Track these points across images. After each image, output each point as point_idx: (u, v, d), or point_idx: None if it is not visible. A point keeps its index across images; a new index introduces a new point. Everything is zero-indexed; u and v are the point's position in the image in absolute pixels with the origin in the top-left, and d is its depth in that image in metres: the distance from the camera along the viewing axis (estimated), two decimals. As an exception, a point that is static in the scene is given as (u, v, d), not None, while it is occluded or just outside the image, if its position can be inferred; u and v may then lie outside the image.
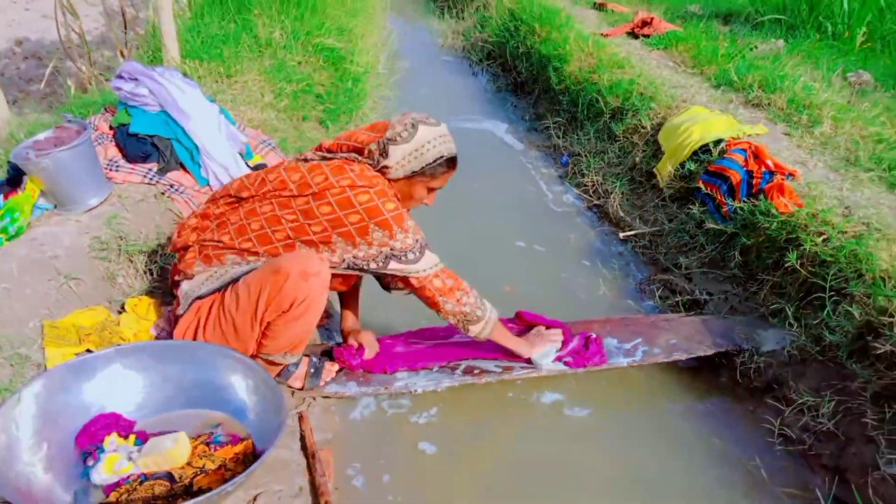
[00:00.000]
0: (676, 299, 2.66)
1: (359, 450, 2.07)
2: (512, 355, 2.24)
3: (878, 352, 1.90)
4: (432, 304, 2.01)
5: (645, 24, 4.98)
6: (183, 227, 2.10)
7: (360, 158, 1.96)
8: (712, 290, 2.62)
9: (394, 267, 1.93)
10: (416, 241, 1.93)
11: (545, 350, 2.23)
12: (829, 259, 2.17)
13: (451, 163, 1.97)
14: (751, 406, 2.20)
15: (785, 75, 3.57)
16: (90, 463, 1.72)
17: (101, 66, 4.98)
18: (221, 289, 1.97)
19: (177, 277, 2.05)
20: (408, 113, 1.95)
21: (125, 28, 5.02)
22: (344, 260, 1.93)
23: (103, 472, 1.69)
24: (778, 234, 2.39)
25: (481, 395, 2.26)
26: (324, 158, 2.00)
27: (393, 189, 1.96)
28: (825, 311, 2.11)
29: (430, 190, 2.01)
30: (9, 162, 2.58)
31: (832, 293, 2.13)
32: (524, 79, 5.35)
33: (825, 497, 1.83)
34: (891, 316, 1.90)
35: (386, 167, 1.93)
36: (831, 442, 1.95)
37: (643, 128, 3.50)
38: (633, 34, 5.03)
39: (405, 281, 2.01)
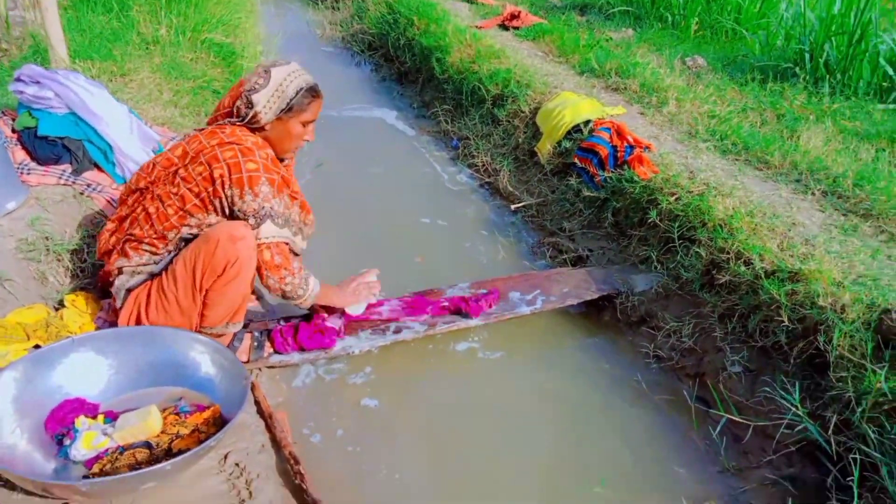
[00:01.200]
0: (564, 257, 3.13)
1: (308, 412, 2.32)
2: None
3: (720, 282, 2.44)
4: (258, 273, 2.12)
5: (514, 17, 5.46)
6: (102, 233, 2.24)
7: (232, 121, 2.10)
8: (592, 247, 3.10)
9: None
10: (262, 207, 2.00)
11: (358, 303, 2.49)
12: (680, 213, 2.70)
13: (312, 91, 2.07)
14: (630, 336, 2.70)
15: (637, 62, 4.16)
16: (66, 443, 1.85)
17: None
18: (150, 278, 2.14)
19: (109, 279, 2.20)
20: (258, 64, 2.11)
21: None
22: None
23: (82, 449, 1.83)
24: (640, 196, 2.90)
25: (407, 351, 2.58)
26: (199, 131, 2.14)
27: (267, 142, 2.10)
28: (679, 255, 2.64)
29: (305, 124, 2.12)
30: None
31: (684, 240, 2.66)
32: (408, 68, 5.66)
33: (690, 398, 2.34)
34: (727, 254, 2.44)
35: (255, 115, 2.03)
36: (692, 356, 2.47)
37: (522, 112, 3.94)
38: (503, 26, 5.49)
39: None
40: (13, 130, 2.87)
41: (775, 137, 3.24)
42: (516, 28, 5.38)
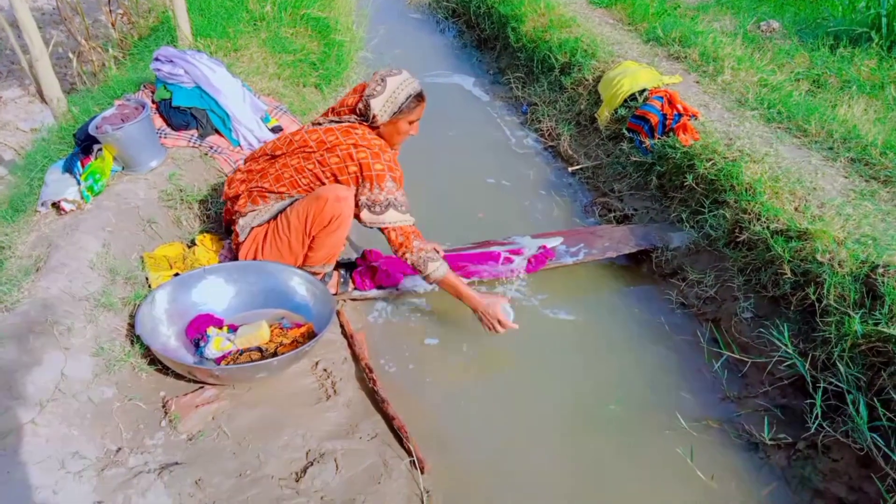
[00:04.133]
0: (612, 215, 3.48)
1: (382, 347, 2.79)
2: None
3: (741, 239, 2.74)
4: (393, 248, 2.57)
5: (589, -18, 5.65)
6: (232, 180, 2.82)
7: (359, 120, 2.65)
8: (638, 206, 3.44)
9: (365, 215, 2.58)
10: (387, 199, 2.50)
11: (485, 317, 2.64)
12: (714, 178, 2.99)
13: (419, 98, 2.56)
14: (661, 286, 3.05)
15: (699, 31, 4.32)
16: (202, 345, 2.48)
17: (94, 38, 5.51)
18: (269, 220, 2.71)
19: (233, 217, 2.79)
20: (376, 72, 2.62)
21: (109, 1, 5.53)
22: None
23: (213, 350, 2.44)
24: (681, 161, 3.20)
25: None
26: (332, 122, 2.69)
27: (384, 140, 2.61)
28: (709, 215, 2.94)
29: (411, 122, 2.61)
30: (74, 135, 3.24)
31: (716, 202, 2.96)
32: (487, 35, 6.00)
33: (703, 337, 2.69)
34: (749, 214, 2.73)
35: (374, 116, 2.58)
36: (712, 303, 2.81)
37: (586, 80, 4.24)
38: (579, -8, 5.70)
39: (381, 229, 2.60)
40: (153, 101, 3.53)
41: (818, 106, 3.39)
42: (591, -6, 5.58)
